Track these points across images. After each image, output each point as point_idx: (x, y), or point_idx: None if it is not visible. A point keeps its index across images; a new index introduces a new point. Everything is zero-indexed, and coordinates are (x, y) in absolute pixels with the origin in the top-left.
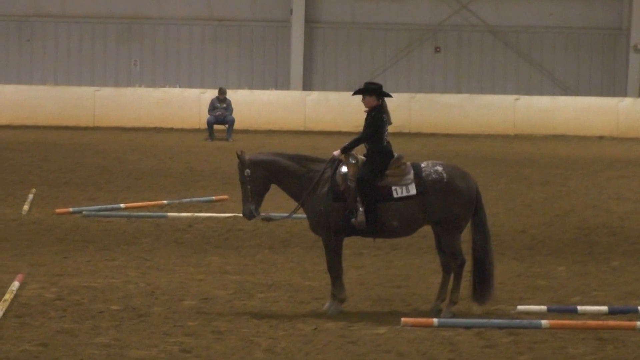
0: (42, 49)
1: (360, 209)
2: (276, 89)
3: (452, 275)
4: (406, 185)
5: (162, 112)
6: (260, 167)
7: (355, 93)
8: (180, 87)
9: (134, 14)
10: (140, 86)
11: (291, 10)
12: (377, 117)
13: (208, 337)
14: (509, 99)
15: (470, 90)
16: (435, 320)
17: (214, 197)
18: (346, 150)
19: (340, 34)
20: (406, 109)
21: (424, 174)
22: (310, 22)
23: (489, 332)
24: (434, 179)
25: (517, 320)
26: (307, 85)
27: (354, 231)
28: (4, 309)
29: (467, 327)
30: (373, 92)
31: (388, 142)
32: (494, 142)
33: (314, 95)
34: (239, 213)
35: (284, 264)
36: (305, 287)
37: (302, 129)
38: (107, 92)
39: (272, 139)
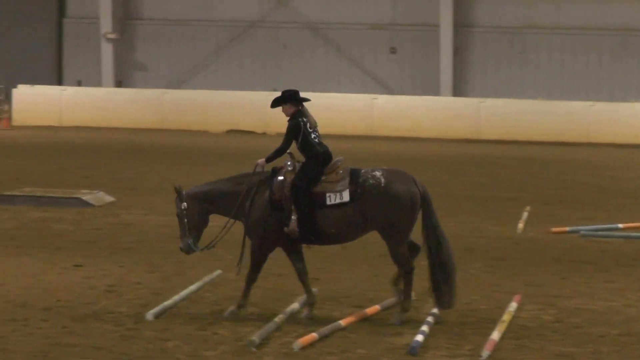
0: (534, 62)
1: (293, 217)
2: None
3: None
4: (340, 191)
5: None
6: (197, 200)
7: (273, 104)
8: None
9: (629, 25)
10: (636, 101)
11: None
12: (293, 124)
13: None
14: None
15: None
16: None
17: None
18: (269, 160)
19: None
20: None
21: (360, 180)
22: None
23: None
24: (371, 184)
25: None
26: None
27: (294, 239)
28: (502, 331)
29: None
30: (289, 99)
31: (322, 145)
32: None
33: None
34: None
35: None
36: None
37: None
38: (601, 107)
39: None
